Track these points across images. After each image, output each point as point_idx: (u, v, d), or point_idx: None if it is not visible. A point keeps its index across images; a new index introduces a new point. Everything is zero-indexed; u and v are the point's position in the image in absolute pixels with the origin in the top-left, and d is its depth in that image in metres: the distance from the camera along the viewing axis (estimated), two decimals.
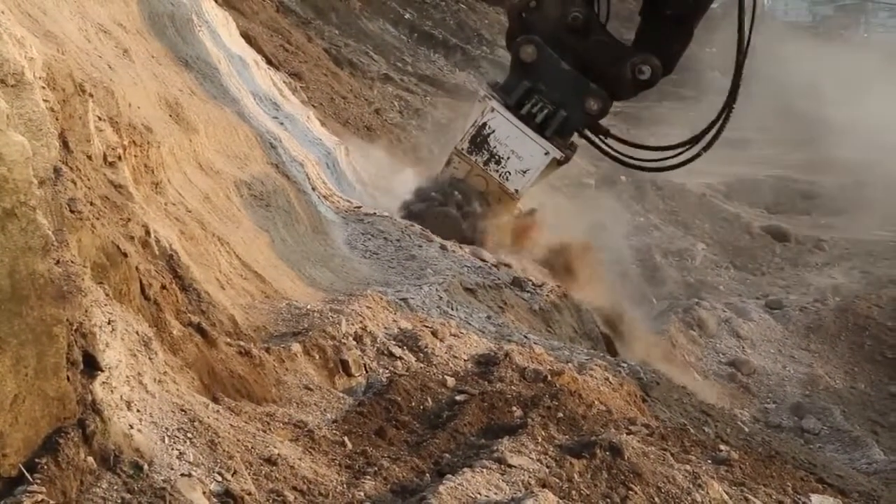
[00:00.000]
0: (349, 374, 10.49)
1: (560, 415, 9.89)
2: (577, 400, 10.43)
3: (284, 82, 22.92)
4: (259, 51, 23.38)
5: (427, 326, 12.21)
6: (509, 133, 17.31)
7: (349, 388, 10.31)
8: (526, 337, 13.43)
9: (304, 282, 13.13)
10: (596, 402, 10.71)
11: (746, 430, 13.06)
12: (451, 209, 17.53)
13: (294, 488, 7.43)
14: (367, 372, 10.72)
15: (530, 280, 16.62)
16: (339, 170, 20.40)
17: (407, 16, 43.94)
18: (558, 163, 17.44)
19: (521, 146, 17.25)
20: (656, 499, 8.49)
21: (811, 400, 20.74)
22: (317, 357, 10.37)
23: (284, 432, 8.35)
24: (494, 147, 17.37)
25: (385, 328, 11.75)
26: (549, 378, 11.06)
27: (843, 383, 21.63)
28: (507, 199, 17.75)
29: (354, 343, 11.04)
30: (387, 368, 10.92)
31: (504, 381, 10.86)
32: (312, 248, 14.72)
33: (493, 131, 17.35)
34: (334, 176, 19.74)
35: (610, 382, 12.01)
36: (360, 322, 11.47)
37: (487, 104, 17.63)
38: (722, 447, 10.57)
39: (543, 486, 8.13)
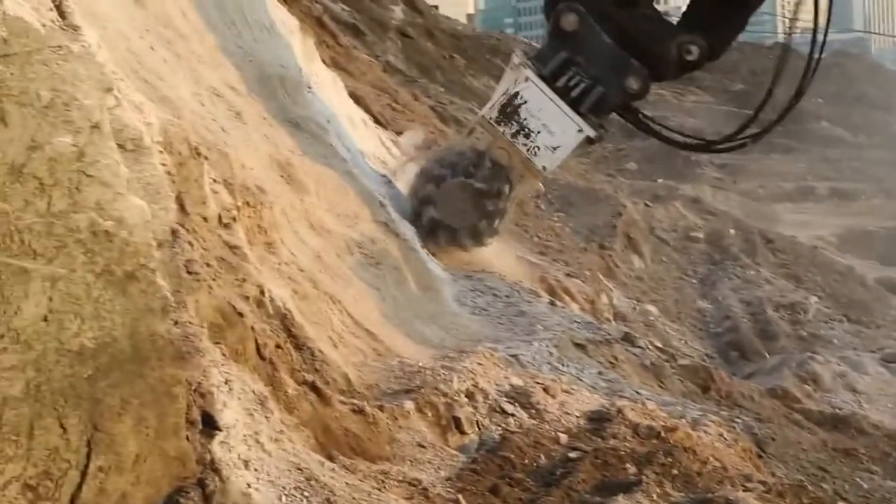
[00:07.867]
0: (462, 432, 10.48)
1: (675, 471, 9.78)
2: (692, 456, 10.30)
3: (392, 141, 23.07)
4: (367, 110, 23.57)
5: (538, 382, 12.16)
6: (542, 106, 15.91)
7: (462, 446, 10.30)
8: (638, 392, 13.32)
9: (414, 339, 13.14)
10: (711, 459, 10.57)
11: (865, 486, 12.78)
12: (474, 182, 16.20)
13: None
14: (479, 429, 10.71)
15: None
16: None
17: None
18: (590, 141, 16.36)
19: (553, 121, 15.86)
20: None
21: None
22: (429, 414, 10.38)
23: (399, 490, 8.35)
24: (525, 119, 15.95)
25: (496, 385, 11.72)
26: (663, 434, 10.94)
27: None
28: (531, 176, 16.61)
29: (466, 400, 11.03)
30: (499, 425, 10.90)
31: (617, 438, 10.76)
32: (422, 305, 14.74)
33: (525, 102, 15.92)
34: None
35: (724, 438, 11.86)
36: (472, 379, 11.46)
37: (521, 72, 16.27)
38: None
39: None
